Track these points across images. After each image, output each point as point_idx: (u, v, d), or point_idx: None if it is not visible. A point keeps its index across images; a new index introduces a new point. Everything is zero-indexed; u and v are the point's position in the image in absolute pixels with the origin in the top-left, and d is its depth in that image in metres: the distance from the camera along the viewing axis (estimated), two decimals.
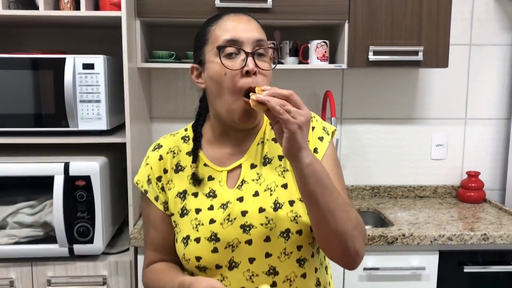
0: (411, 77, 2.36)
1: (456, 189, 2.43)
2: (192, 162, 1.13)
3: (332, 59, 2.20)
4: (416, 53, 2.01)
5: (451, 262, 1.89)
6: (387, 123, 2.39)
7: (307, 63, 2.13)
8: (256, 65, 1.04)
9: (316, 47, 2.09)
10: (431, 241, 1.84)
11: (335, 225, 0.97)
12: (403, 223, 1.98)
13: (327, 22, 2.05)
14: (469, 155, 2.43)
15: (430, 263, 1.88)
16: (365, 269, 1.85)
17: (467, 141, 2.42)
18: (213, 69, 1.06)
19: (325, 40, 2.10)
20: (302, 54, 2.15)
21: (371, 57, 2.00)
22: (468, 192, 2.33)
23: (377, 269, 1.86)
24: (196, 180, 1.12)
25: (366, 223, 2.24)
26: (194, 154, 1.14)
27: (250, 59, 1.03)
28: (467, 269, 1.88)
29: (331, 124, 2.06)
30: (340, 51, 2.09)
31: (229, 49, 1.04)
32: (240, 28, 1.05)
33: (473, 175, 2.34)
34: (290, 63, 2.15)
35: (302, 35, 2.24)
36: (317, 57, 2.09)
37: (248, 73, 1.02)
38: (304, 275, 1.09)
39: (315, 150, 1.11)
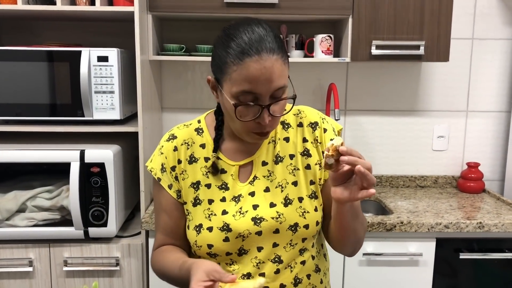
0: (414, 70, 2.42)
1: (456, 180, 2.49)
2: (213, 152, 1.17)
3: (336, 52, 2.26)
4: (417, 47, 2.07)
5: (448, 249, 1.97)
6: (390, 114, 2.46)
7: (312, 57, 2.20)
8: (270, 114, 1.04)
9: (321, 41, 2.15)
10: (428, 229, 1.91)
11: (354, 238, 1.14)
12: (402, 211, 2.06)
13: (332, 17, 2.11)
14: (469, 147, 2.49)
15: (428, 249, 1.96)
16: (364, 254, 1.94)
17: (468, 133, 2.48)
18: (227, 105, 1.06)
19: (330, 34, 2.16)
20: (307, 48, 2.22)
21: (374, 51, 2.06)
22: (468, 182, 2.39)
23: (376, 254, 1.94)
24: (215, 169, 1.16)
25: (367, 211, 2.32)
26: (216, 143, 1.18)
27: (265, 114, 1.04)
28: (463, 256, 1.96)
29: (335, 115, 2.14)
30: (344, 45, 2.16)
31: (246, 100, 1.03)
32: (261, 80, 1.01)
33: (473, 166, 2.40)
34: (296, 56, 2.22)
35: (307, 29, 2.31)
36: (322, 51, 2.16)
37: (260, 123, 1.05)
38: (303, 262, 1.17)
39: None
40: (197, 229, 1.15)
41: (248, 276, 1.14)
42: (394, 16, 2.06)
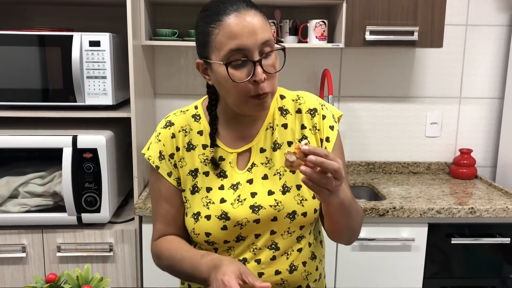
0: (407, 56, 2.42)
1: (449, 166, 2.51)
2: (210, 147, 1.15)
3: (330, 38, 2.25)
4: (411, 33, 2.06)
5: (440, 234, 1.98)
6: (383, 101, 2.46)
7: (306, 42, 2.19)
8: (264, 71, 1.02)
9: (315, 27, 2.14)
10: (420, 214, 1.93)
11: (349, 232, 1.15)
12: (395, 197, 2.07)
13: (326, 2, 2.10)
14: (462, 133, 2.50)
15: (420, 234, 1.97)
16: (357, 239, 1.95)
17: (461, 120, 2.49)
18: (220, 75, 1.04)
19: (324, 20, 2.15)
20: (301, 33, 2.21)
21: (368, 36, 2.05)
22: (461, 168, 2.40)
23: (369, 239, 1.96)
24: (214, 164, 1.14)
25: (360, 197, 2.33)
26: (212, 139, 1.15)
27: (258, 68, 1.01)
28: (455, 241, 1.98)
29: (328, 101, 2.14)
30: (338, 31, 2.15)
31: (236, 58, 1.01)
32: (244, 33, 1.00)
33: (465, 153, 2.41)
34: (290, 41, 2.21)
35: (301, 14, 2.29)
36: (316, 36, 2.15)
37: (256, 81, 1.02)
38: (300, 250, 1.17)
39: (327, 139, 1.17)
40: (195, 217, 1.14)
41: (244, 261, 1.14)
42: (388, 2, 2.05)
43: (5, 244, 1.89)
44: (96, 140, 1.83)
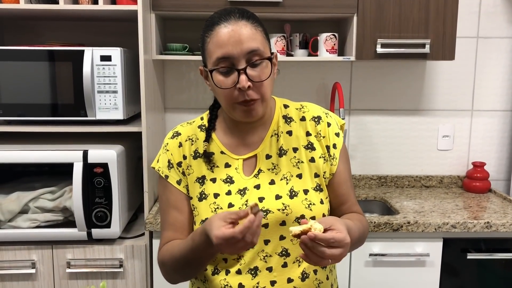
0: (418, 69, 2.40)
1: (462, 179, 2.47)
2: (204, 141, 1.19)
3: (341, 51, 2.25)
4: (423, 45, 2.05)
5: (455, 249, 1.94)
6: (394, 114, 2.44)
7: (317, 55, 2.18)
8: (249, 79, 1.07)
9: (326, 40, 2.14)
10: (435, 229, 1.89)
11: (354, 248, 1.18)
12: (408, 211, 2.04)
13: (336, 15, 2.09)
14: (475, 146, 2.48)
15: (435, 250, 1.94)
16: (371, 255, 1.92)
17: (473, 132, 2.46)
18: (211, 81, 1.12)
19: (334, 33, 2.14)
20: (311, 47, 2.20)
21: (379, 49, 2.04)
22: (474, 182, 2.37)
23: (382, 255, 1.92)
24: (206, 157, 1.18)
25: (373, 211, 2.30)
26: (208, 133, 1.20)
27: (242, 76, 1.06)
28: (470, 256, 1.94)
29: (340, 114, 2.12)
30: (349, 44, 2.14)
31: (223, 66, 1.07)
32: (231, 42, 1.06)
33: (478, 166, 2.38)
34: (300, 55, 2.20)
35: (311, 28, 2.29)
36: (326, 50, 2.14)
37: (240, 89, 1.07)
38: None
39: (334, 146, 1.20)
40: (203, 223, 1.13)
41: (256, 270, 1.13)
42: (399, 15, 2.04)
43: (14, 260, 1.87)
44: (107, 154, 1.82)
